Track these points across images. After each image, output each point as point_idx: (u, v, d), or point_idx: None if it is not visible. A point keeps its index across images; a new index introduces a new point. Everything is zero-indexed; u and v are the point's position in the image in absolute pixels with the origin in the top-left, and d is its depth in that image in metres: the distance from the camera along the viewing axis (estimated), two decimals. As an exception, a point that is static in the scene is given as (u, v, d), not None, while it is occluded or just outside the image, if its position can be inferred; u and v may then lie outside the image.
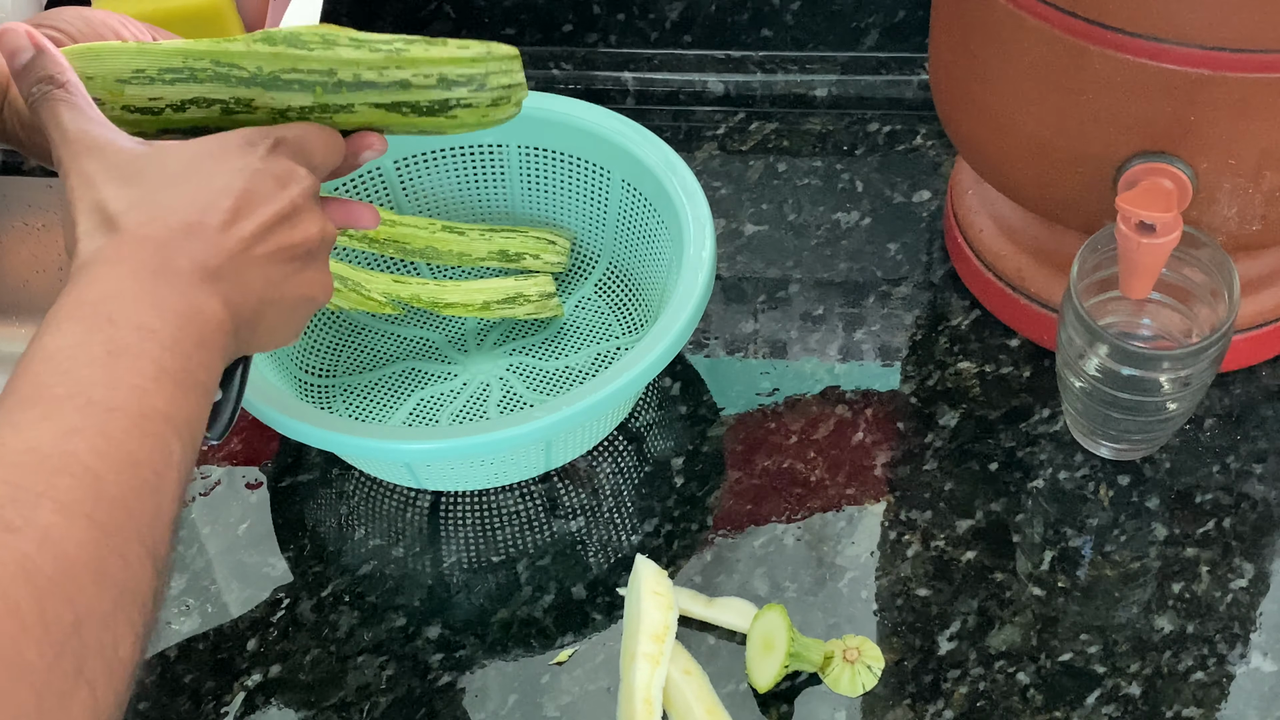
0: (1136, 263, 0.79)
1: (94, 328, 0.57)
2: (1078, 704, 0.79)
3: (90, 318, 0.57)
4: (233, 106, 0.71)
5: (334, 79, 0.70)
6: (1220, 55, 0.74)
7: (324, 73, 0.70)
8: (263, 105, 0.70)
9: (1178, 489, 0.88)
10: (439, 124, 0.72)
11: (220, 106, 0.71)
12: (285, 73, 0.70)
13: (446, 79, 0.70)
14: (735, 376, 0.95)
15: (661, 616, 0.80)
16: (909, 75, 1.11)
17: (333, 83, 0.70)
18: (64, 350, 0.56)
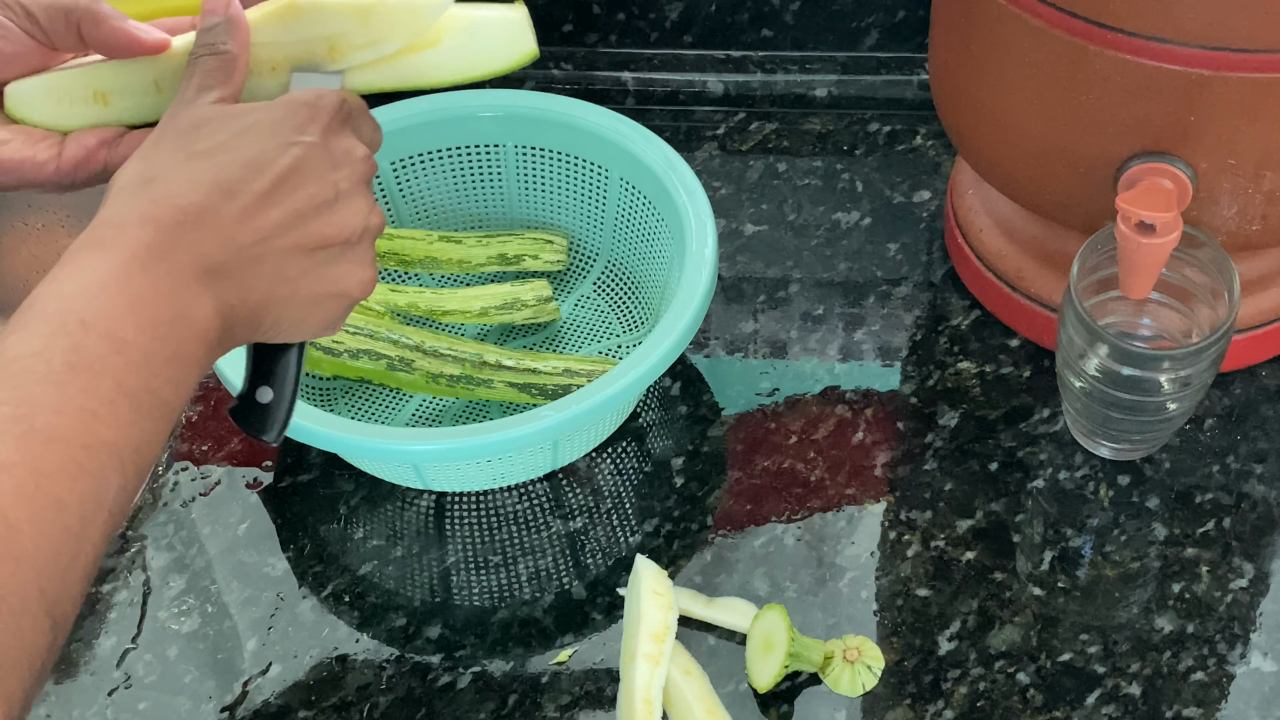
0: (1136, 263, 0.79)
1: (62, 331, 0.53)
2: (1078, 704, 0.79)
3: (62, 317, 0.53)
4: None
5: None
6: (1220, 55, 0.74)
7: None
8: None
9: (1178, 489, 0.88)
10: None
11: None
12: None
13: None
14: (735, 376, 0.95)
15: (661, 616, 0.80)
16: (909, 75, 1.11)
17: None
18: (22, 359, 0.52)
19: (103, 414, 0.52)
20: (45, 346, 0.52)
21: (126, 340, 0.54)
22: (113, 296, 0.54)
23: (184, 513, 0.91)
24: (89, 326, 0.53)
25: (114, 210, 0.57)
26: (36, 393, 0.51)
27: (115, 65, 0.66)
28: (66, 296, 0.54)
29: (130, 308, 0.54)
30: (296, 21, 0.66)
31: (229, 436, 0.94)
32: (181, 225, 0.57)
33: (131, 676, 0.83)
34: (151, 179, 0.58)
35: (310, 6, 0.66)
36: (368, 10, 0.67)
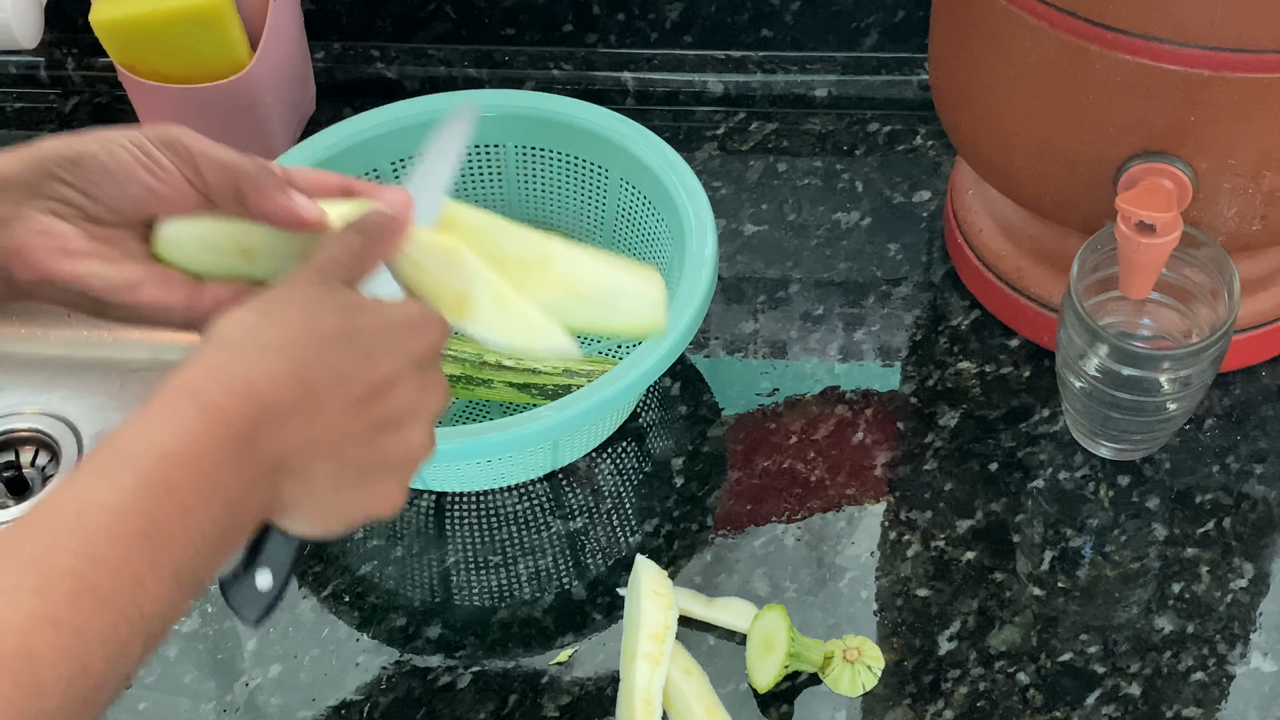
0: (1136, 263, 0.79)
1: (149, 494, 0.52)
2: (1078, 704, 0.79)
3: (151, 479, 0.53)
4: None
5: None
6: (1220, 55, 0.74)
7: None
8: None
9: (1178, 489, 0.88)
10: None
11: None
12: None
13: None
14: (735, 376, 0.95)
15: (661, 616, 0.80)
16: (909, 75, 1.11)
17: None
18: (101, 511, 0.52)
19: (151, 587, 0.52)
20: (127, 506, 0.52)
21: (197, 516, 0.54)
22: (197, 469, 0.54)
23: (184, 513, 0.90)
24: (171, 495, 0.53)
25: (221, 367, 0.57)
26: (104, 551, 0.51)
27: (268, 228, 0.66)
28: (159, 456, 0.54)
29: (210, 486, 0.54)
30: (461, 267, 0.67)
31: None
32: (281, 413, 0.57)
33: (131, 676, 0.83)
34: (266, 347, 0.58)
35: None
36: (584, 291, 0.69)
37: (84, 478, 0.53)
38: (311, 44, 1.13)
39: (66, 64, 1.17)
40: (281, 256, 0.67)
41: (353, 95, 1.15)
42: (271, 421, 0.56)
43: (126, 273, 0.65)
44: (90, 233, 0.64)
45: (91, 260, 0.64)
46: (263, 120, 1.06)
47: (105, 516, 0.52)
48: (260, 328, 0.58)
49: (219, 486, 0.55)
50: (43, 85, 1.18)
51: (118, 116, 1.16)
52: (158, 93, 1.04)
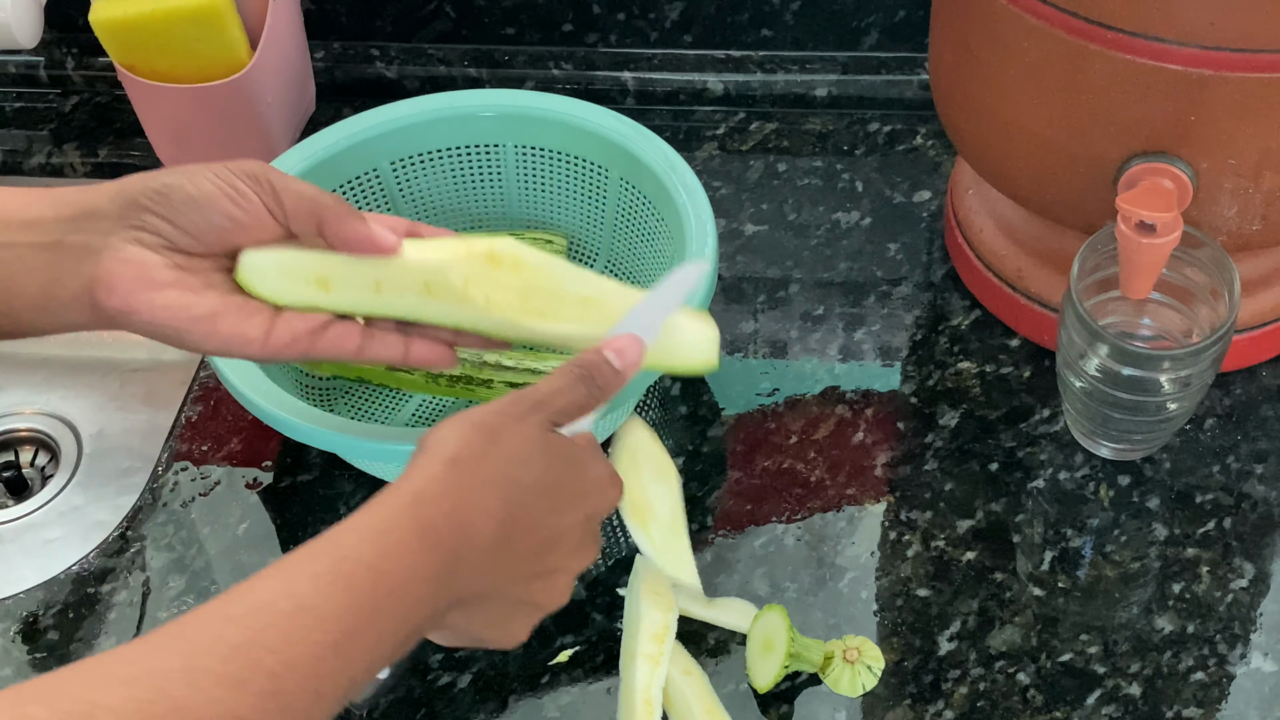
0: (1136, 263, 0.79)
1: (352, 613, 0.54)
2: (1078, 704, 0.79)
3: (359, 595, 0.55)
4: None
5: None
6: (1220, 55, 0.74)
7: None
8: None
9: (1178, 489, 0.88)
10: None
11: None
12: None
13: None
14: (735, 376, 0.95)
15: (661, 616, 0.80)
16: (909, 75, 1.11)
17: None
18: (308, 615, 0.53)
19: (326, 699, 0.53)
20: (334, 617, 0.54)
21: (383, 641, 0.56)
22: (401, 598, 0.56)
23: (184, 513, 0.91)
24: (374, 618, 0.55)
25: (448, 489, 0.59)
26: (301, 658, 0.52)
27: (346, 258, 0.69)
28: (378, 574, 0.56)
29: (404, 615, 0.57)
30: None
31: (228, 436, 0.94)
32: (479, 553, 0.59)
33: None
34: (486, 482, 0.60)
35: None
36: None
37: (302, 575, 0.55)
38: (311, 44, 1.13)
39: (66, 64, 1.17)
40: (357, 287, 0.69)
41: (353, 95, 1.15)
42: (470, 561, 0.59)
43: (207, 303, 0.67)
44: (175, 263, 0.66)
45: (174, 290, 0.66)
46: (263, 120, 1.06)
47: (311, 623, 0.53)
48: (484, 458, 0.61)
49: (409, 615, 0.57)
50: (42, 85, 1.18)
51: (117, 116, 1.16)
52: (158, 93, 1.04)
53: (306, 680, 0.52)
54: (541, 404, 0.65)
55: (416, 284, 0.70)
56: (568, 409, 0.65)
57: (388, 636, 0.56)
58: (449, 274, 0.70)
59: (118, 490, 1.02)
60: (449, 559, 0.58)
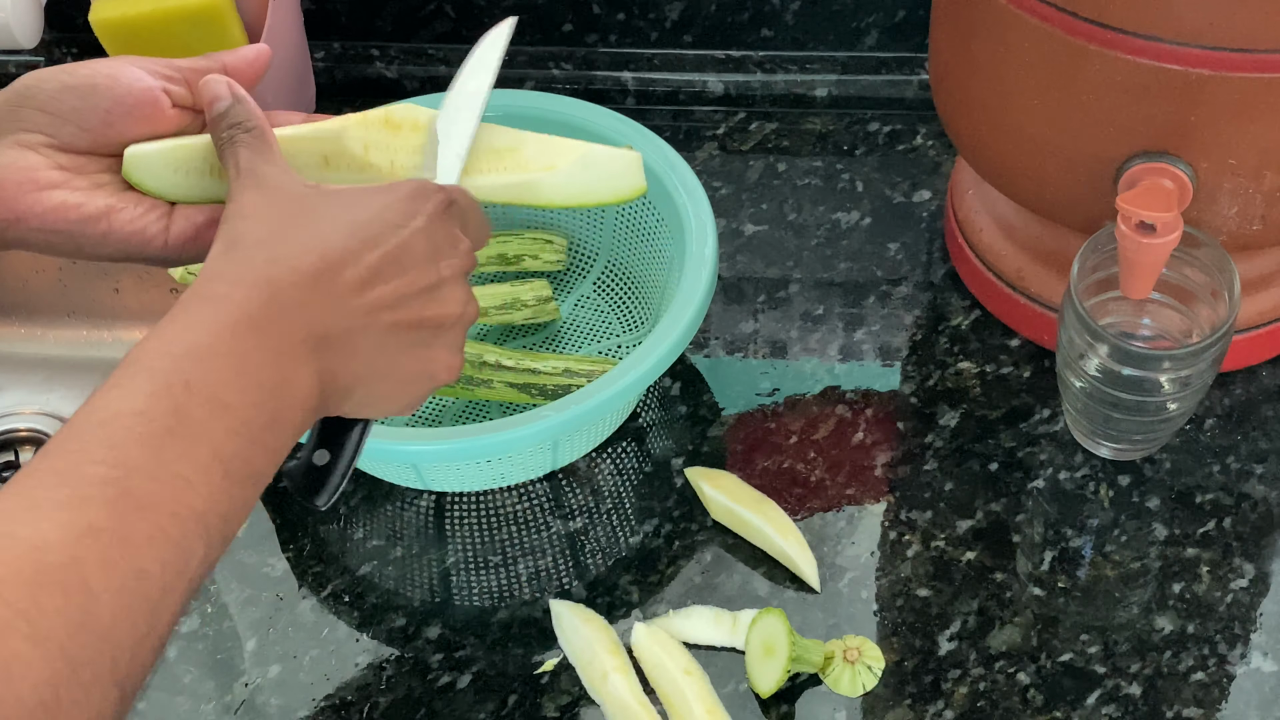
0: (1136, 263, 0.79)
1: (165, 392, 0.52)
2: (1078, 704, 0.79)
3: (167, 376, 0.53)
4: None
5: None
6: (1220, 55, 0.74)
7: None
8: None
9: (1178, 489, 0.88)
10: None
11: None
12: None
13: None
14: (735, 376, 0.95)
15: (603, 633, 0.81)
16: (909, 75, 1.11)
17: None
18: (123, 417, 0.52)
19: (196, 482, 0.52)
20: (148, 407, 0.52)
21: (228, 405, 0.54)
22: (220, 359, 0.54)
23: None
24: (192, 389, 0.53)
25: (226, 266, 0.57)
26: (134, 455, 0.51)
27: None
28: (174, 356, 0.54)
29: (236, 372, 0.54)
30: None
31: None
32: (296, 288, 0.57)
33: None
34: (264, 240, 0.58)
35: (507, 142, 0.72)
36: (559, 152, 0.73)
37: (101, 393, 0.53)
38: (311, 44, 1.13)
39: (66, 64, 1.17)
40: None
41: (353, 95, 1.15)
42: (290, 300, 0.56)
43: (99, 201, 0.65)
44: (59, 163, 0.65)
45: (62, 191, 0.64)
46: (263, 120, 1.06)
47: (128, 421, 0.51)
48: (259, 222, 0.59)
49: (248, 372, 0.54)
50: (42, 85, 1.18)
51: (118, 116, 1.16)
52: (158, 93, 1.04)
53: (154, 472, 0.51)
54: (237, 175, 0.62)
55: (315, 158, 0.69)
56: (254, 156, 0.63)
57: (233, 401, 0.53)
58: (346, 140, 0.69)
59: (118, 490, 1.02)
60: (261, 309, 0.56)
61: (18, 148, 0.64)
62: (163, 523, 0.50)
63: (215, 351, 0.54)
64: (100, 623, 0.48)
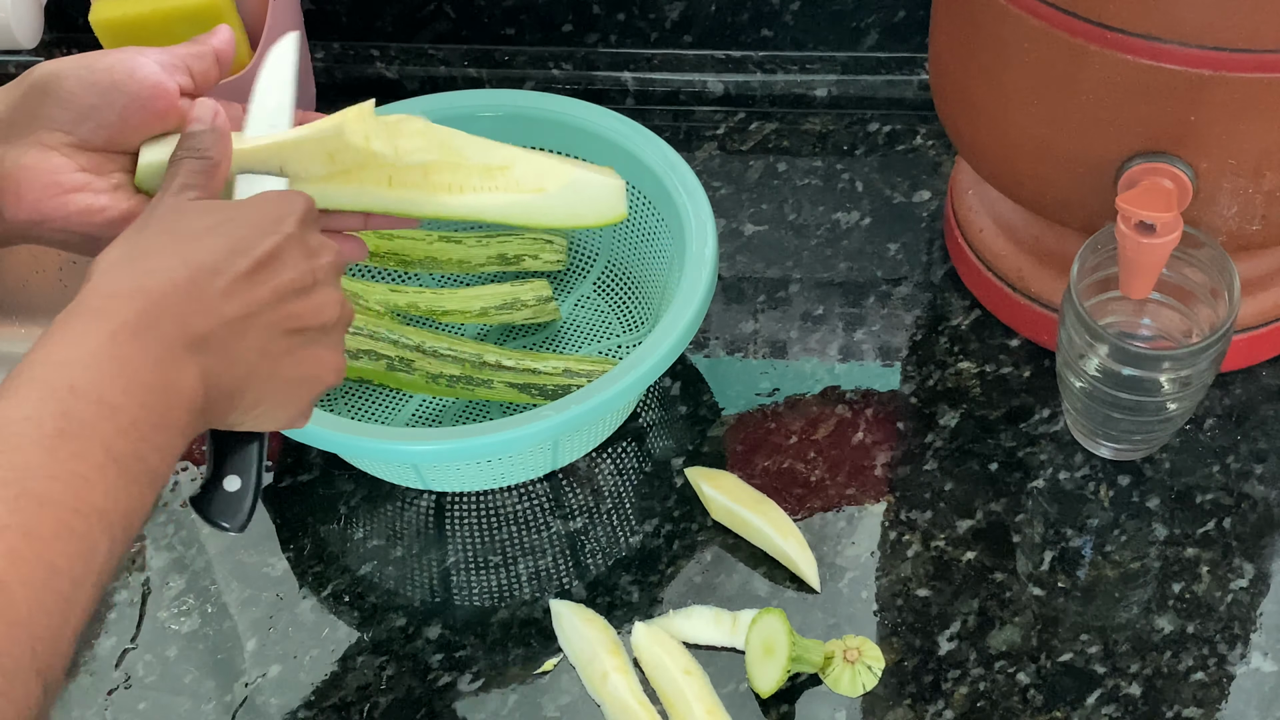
0: (1136, 263, 0.79)
1: (51, 396, 0.54)
2: (1078, 704, 0.79)
3: (51, 382, 0.54)
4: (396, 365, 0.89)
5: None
6: (1220, 55, 0.74)
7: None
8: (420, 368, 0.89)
9: (1178, 489, 0.88)
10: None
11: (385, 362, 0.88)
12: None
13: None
14: (735, 376, 0.95)
15: (602, 633, 0.81)
16: (909, 75, 1.11)
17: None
18: (14, 424, 0.53)
19: (93, 479, 0.53)
20: (36, 411, 0.53)
21: (115, 406, 0.55)
22: (102, 363, 0.55)
23: (184, 513, 0.91)
24: (78, 392, 0.54)
25: (103, 282, 0.58)
26: (29, 458, 0.52)
27: (247, 142, 0.69)
28: (57, 363, 0.55)
29: (119, 374, 0.55)
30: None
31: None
32: (170, 296, 0.58)
33: (131, 676, 0.83)
34: (139, 256, 0.59)
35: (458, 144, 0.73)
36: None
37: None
38: (311, 44, 1.13)
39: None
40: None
41: (353, 95, 1.14)
42: (166, 307, 0.57)
43: (119, 204, 0.66)
44: (80, 164, 0.65)
45: (85, 194, 0.65)
46: (263, 120, 1.06)
47: (18, 427, 0.52)
48: (133, 246, 0.60)
49: (131, 374, 0.55)
50: (43, 85, 1.18)
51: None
52: (158, 93, 1.04)
53: (51, 471, 0.52)
54: (164, 189, 0.64)
55: (320, 156, 0.70)
56: (189, 181, 0.64)
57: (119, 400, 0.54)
58: (347, 134, 0.70)
59: (118, 490, 1.02)
60: (138, 317, 0.56)
61: (41, 148, 0.64)
62: (67, 519, 0.52)
63: (97, 357, 0.55)
64: (16, 613, 0.49)
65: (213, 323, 0.59)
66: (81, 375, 0.55)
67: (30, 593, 0.50)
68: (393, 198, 0.72)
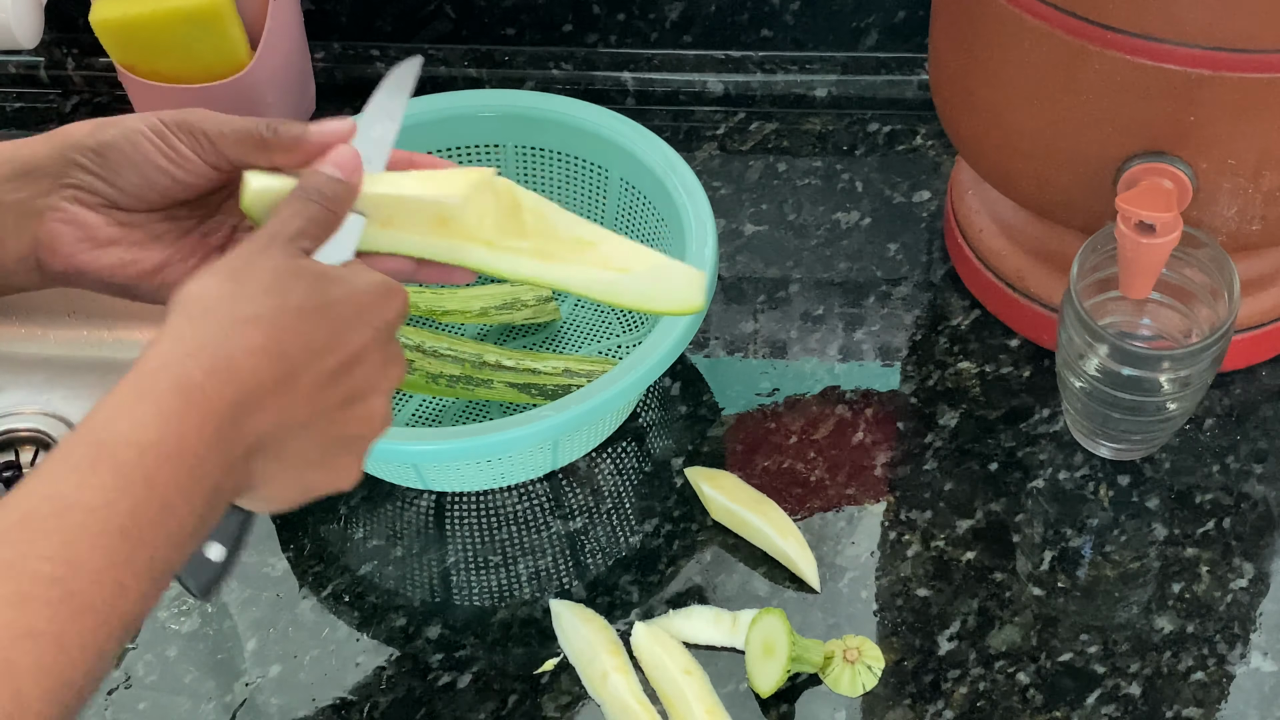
0: (1136, 263, 0.79)
1: (128, 490, 0.51)
2: (1078, 704, 0.79)
3: (131, 472, 0.51)
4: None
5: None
6: (1220, 55, 0.74)
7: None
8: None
9: (1178, 489, 0.88)
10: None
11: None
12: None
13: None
14: (735, 376, 0.95)
15: (603, 633, 0.81)
16: (909, 75, 1.11)
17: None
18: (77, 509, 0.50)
19: (130, 587, 0.51)
20: (108, 506, 0.51)
21: (176, 511, 0.52)
22: (181, 461, 0.53)
23: (184, 513, 0.90)
24: (152, 489, 0.52)
25: (201, 340, 0.56)
26: (82, 554, 0.50)
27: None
28: (141, 447, 0.52)
29: (194, 480, 0.53)
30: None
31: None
32: (255, 393, 0.55)
33: (131, 676, 0.83)
34: (238, 321, 0.57)
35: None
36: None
37: (59, 472, 0.51)
38: (311, 44, 1.13)
39: (66, 64, 1.17)
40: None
41: (353, 95, 1.15)
42: (251, 403, 0.55)
43: (154, 256, 0.65)
44: (117, 219, 0.65)
45: (119, 248, 0.65)
46: (263, 120, 1.06)
47: (83, 517, 0.50)
48: (234, 299, 0.57)
49: (201, 477, 0.53)
50: (43, 85, 1.18)
51: (118, 116, 1.16)
52: (158, 93, 1.04)
53: (99, 574, 0.49)
54: (277, 233, 0.61)
55: (432, 220, 0.68)
56: (306, 229, 0.62)
57: (180, 505, 0.52)
58: (467, 211, 0.68)
59: (118, 490, 1.02)
60: (223, 410, 0.54)
61: (77, 205, 0.64)
62: (96, 629, 0.50)
63: (176, 450, 0.53)
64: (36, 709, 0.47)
65: (280, 429, 0.57)
66: (160, 470, 0.52)
67: (44, 706, 0.48)
68: (490, 259, 0.70)
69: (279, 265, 0.59)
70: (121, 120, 0.65)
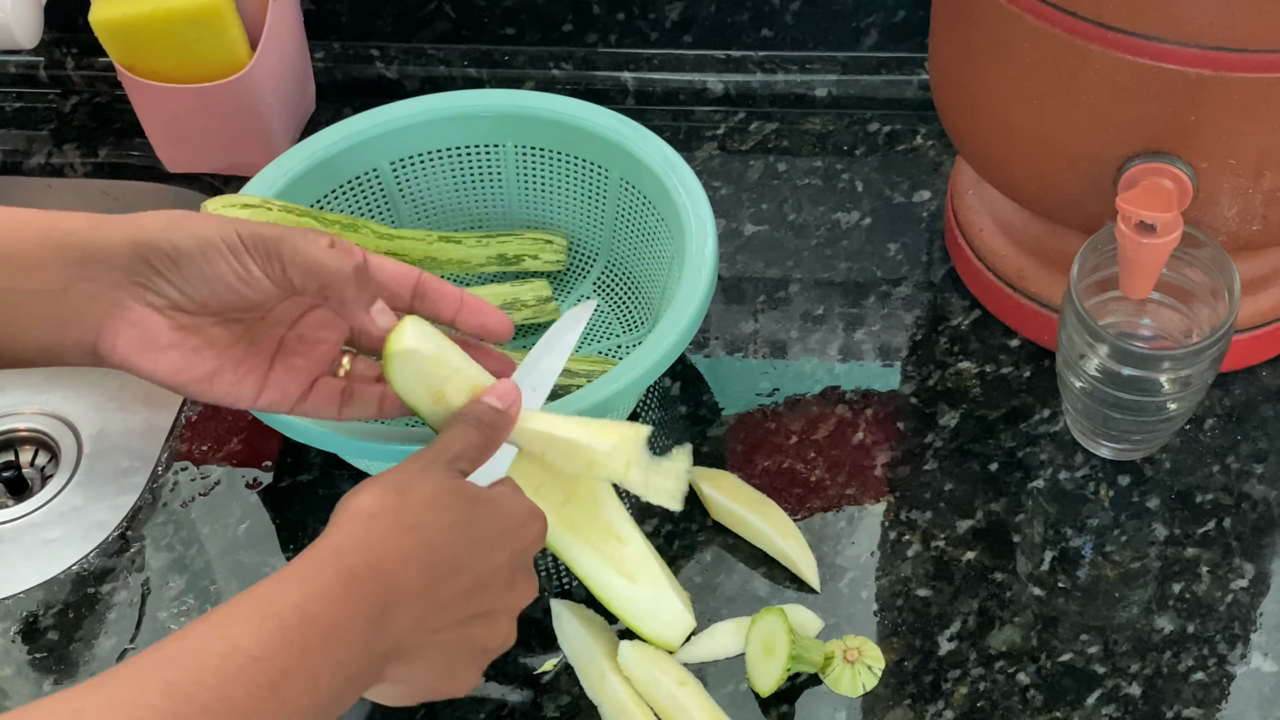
0: (1136, 263, 0.79)
1: (284, 650, 0.56)
2: (1078, 704, 0.79)
3: (291, 635, 0.57)
4: None
5: None
6: (1220, 55, 0.74)
7: None
8: None
9: (1178, 489, 0.88)
10: None
11: None
12: None
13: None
14: (735, 376, 0.95)
15: (601, 632, 0.81)
16: (909, 75, 1.11)
17: None
18: (239, 654, 0.55)
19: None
20: (267, 657, 0.55)
21: (319, 684, 0.57)
22: (334, 640, 0.58)
23: (183, 513, 0.91)
24: (306, 657, 0.57)
25: (367, 538, 0.61)
26: (237, 696, 0.54)
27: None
28: (306, 618, 0.57)
29: (339, 660, 0.58)
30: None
31: (228, 436, 0.94)
32: (406, 596, 0.61)
33: None
34: (403, 528, 0.62)
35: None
36: None
37: (230, 620, 0.57)
38: (311, 44, 1.13)
39: (66, 64, 1.17)
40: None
41: (353, 95, 1.15)
42: (396, 605, 0.60)
43: (206, 365, 0.68)
44: (178, 322, 0.67)
45: (174, 353, 0.67)
46: (263, 120, 1.06)
47: (244, 661, 0.55)
48: (399, 510, 0.63)
49: (346, 662, 0.58)
50: (42, 85, 1.18)
51: (117, 116, 1.16)
52: (157, 93, 1.04)
53: (244, 717, 0.54)
54: (440, 452, 0.67)
55: (577, 459, 0.72)
56: (466, 453, 0.67)
57: (324, 680, 0.57)
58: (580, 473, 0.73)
59: (117, 490, 1.02)
60: (375, 605, 0.60)
61: (143, 305, 0.66)
62: None
63: (337, 632, 0.58)
64: None
65: (417, 630, 0.62)
66: (316, 642, 0.57)
67: None
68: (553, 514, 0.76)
69: (440, 483, 0.65)
70: (197, 226, 0.66)
